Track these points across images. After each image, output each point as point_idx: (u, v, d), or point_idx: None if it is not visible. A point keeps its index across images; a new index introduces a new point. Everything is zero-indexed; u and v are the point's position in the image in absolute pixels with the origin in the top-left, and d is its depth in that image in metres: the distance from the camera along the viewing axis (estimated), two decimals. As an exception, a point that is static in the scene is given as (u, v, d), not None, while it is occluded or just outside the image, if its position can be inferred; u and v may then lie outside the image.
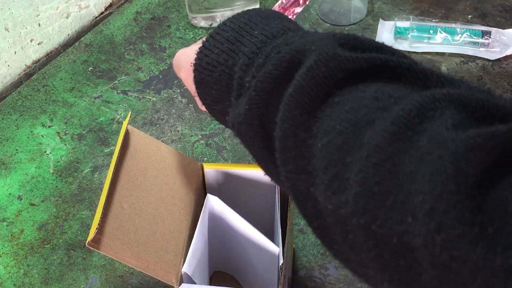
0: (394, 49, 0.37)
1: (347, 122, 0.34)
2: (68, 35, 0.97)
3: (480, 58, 0.87)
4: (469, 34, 0.87)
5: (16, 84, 0.91)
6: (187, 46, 0.99)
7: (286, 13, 0.65)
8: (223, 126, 0.81)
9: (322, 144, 0.34)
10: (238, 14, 0.45)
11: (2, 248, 0.70)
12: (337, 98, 0.35)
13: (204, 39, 0.45)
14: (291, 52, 0.38)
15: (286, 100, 0.37)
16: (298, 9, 0.68)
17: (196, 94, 0.47)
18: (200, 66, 0.45)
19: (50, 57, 0.95)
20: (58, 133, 0.82)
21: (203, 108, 0.49)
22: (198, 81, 0.45)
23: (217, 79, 0.44)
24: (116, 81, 0.88)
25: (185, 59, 0.48)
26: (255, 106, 0.39)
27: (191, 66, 0.46)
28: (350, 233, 0.32)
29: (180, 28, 0.95)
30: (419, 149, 0.30)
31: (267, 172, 0.43)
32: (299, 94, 0.36)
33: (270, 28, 0.42)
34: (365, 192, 0.31)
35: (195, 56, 0.45)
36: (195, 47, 0.46)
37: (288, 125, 0.36)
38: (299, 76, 0.36)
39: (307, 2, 0.65)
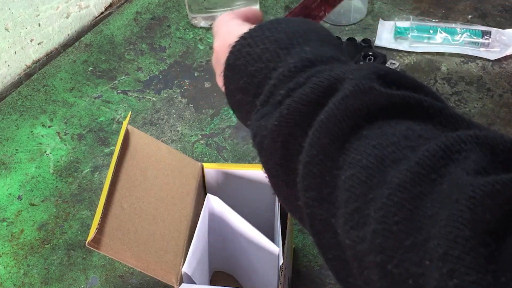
0: (429, 89, 0.37)
1: (374, 157, 0.34)
2: (68, 35, 0.97)
3: (480, 58, 0.87)
4: (469, 34, 0.87)
5: (16, 84, 0.91)
6: (187, 46, 0.99)
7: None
8: (223, 126, 0.81)
9: (346, 177, 0.34)
10: (297, 19, 0.45)
11: (2, 248, 0.70)
12: (366, 131, 0.35)
13: (252, 28, 0.44)
14: (329, 78, 0.38)
15: (317, 126, 0.36)
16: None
17: (220, 71, 0.45)
18: (239, 53, 0.43)
19: (50, 57, 0.95)
20: (58, 133, 0.82)
21: (219, 82, 0.47)
22: (229, 64, 0.44)
23: (251, 73, 0.43)
24: (116, 81, 0.88)
25: (225, 32, 0.47)
26: (285, 125, 0.38)
27: (229, 46, 0.44)
28: (366, 270, 0.32)
29: (180, 28, 0.95)
30: (440, 192, 0.30)
31: (276, 189, 0.42)
32: (331, 122, 0.36)
33: (322, 53, 0.42)
34: (383, 230, 0.31)
35: (237, 38, 0.44)
36: (241, 27, 0.45)
37: (316, 151, 0.36)
38: (332, 104, 0.36)
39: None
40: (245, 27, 0.46)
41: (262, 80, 0.42)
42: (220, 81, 0.47)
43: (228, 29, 0.47)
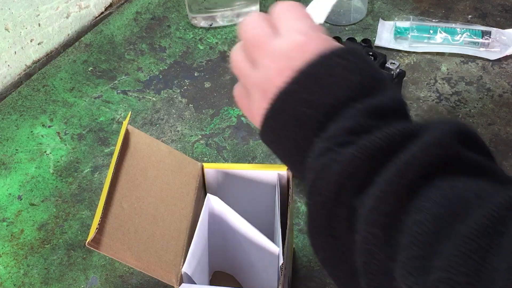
0: (500, 168, 0.38)
1: (443, 207, 0.33)
2: (68, 35, 0.97)
3: (480, 58, 0.87)
4: (469, 34, 0.87)
5: (16, 84, 0.91)
6: (187, 46, 0.99)
7: None
8: (223, 126, 0.81)
9: (412, 222, 0.34)
10: (365, 55, 0.42)
11: (2, 248, 0.70)
12: (439, 182, 0.35)
13: (338, 47, 0.41)
14: (416, 125, 0.37)
15: (395, 163, 0.36)
16: None
17: (283, 68, 0.41)
18: (318, 71, 0.40)
19: (50, 57, 0.95)
20: (58, 133, 0.82)
21: (277, 76, 0.41)
22: (304, 72, 0.40)
23: (331, 95, 0.39)
24: (116, 81, 0.88)
25: (306, 28, 0.42)
26: (360, 156, 0.37)
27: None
28: None
29: (180, 28, 0.95)
30: (508, 245, 0.30)
31: (312, 226, 0.40)
32: (409, 164, 0.35)
33: (402, 104, 0.40)
34: (448, 279, 0.30)
35: (328, 50, 0.40)
36: (328, 41, 0.41)
37: (389, 188, 0.35)
38: (415, 147, 0.36)
39: None
40: (332, 43, 0.42)
41: (344, 107, 0.39)
42: (277, 76, 0.41)
43: (314, 31, 0.43)
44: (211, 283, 0.63)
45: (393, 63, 0.70)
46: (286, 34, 0.42)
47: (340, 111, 0.39)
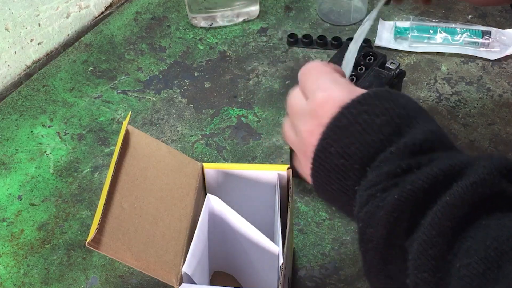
0: None
1: (493, 250, 0.33)
2: (68, 35, 0.97)
3: (480, 58, 0.87)
4: (469, 34, 0.87)
5: (16, 84, 0.91)
6: (187, 46, 0.99)
7: None
8: (223, 126, 0.81)
9: (461, 265, 0.34)
10: (405, 96, 0.43)
11: (2, 248, 0.70)
12: (485, 221, 0.35)
13: (365, 92, 0.42)
14: (458, 162, 0.37)
15: (440, 207, 0.36)
16: None
17: (318, 125, 0.43)
18: (354, 117, 0.41)
19: (50, 57, 0.95)
20: (58, 133, 0.82)
21: (310, 137, 0.44)
22: (337, 126, 0.41)
23: (366, 142, 0.40)
24: (116, 81, 0.88)
25: (329, 85, 0.44)
26: (405, 201, 0.37)
27: (339, 106, 0.41)
28: None
29: (180, 28, 0.95)
30: None
31: (369, 271, 0.40)
32: (455, 205, 0.35)
33: (444, 137, 0.41)
34: None
35: (348, 100, 0.41)
36: (351, 88, 0.43)
37: (435, 232, 0.35)
38: (459, 187, 0.36)
39: None
40: (354, 91, 0.43)
41: (378, 151, 0.40)
42: (311, 136, 0.43)
43: (335, 84, 0.44)
44: (211, 283, 0.63)
45: (393, 63, 0.70)
46: (310, 96, 0.45)
47: (376, 155, 0.40)
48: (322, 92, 0.44)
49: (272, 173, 0.58)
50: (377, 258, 0.39)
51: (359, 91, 0.43)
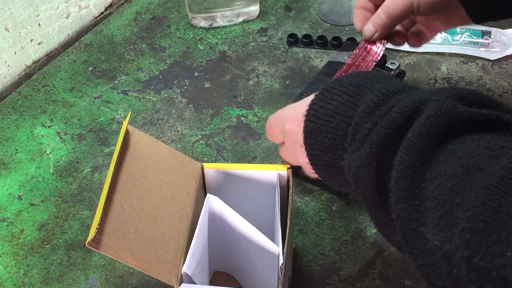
0: (507, 107, 0.41)
1: (459, 167, 0.37)
2: (68, 35, 0.97)
3: (480, 58, 0.87)
4: (469, 34, 0.87)
5: (16, 84, 0.91)
6: (187, 46, 0.99)
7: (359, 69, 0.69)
8: (223, 126, 0.81)
9: (434, 186, 0.38)
10: (353, 73, 0.50)
11: (2, 248, 0.70)
12: (451, 146, 0.39)
13: (316, 93, 0.49)
14: (413, 102, 0.42)
15: (404, 144, 0.40)
16: (374, 58, 0.69)
17: (301, 145, 0.49)
18: (315, 117, 0.48)
19: (50, 57, 0.95)
20: (58, 133, 0.82)
21: (301, 158, 0.51)
22: (309, 131, 0.48)
23: (333, 128, 0.47)
24: (116, 81, 0.88)
25: (292, 113, 0.52)
26: (376, 150, 0.42)
27: (302, 117, 0.49)
28: (455, 268, 0.36)
29: (180, 28, 0.95)
30: None
31: (375, 216, 0.45)
32: (417, 139, 0.39)
33: (391, 85, 0.46)
34: (470, 228, 0.34)
35: (307, 108, 0.48)
36: (303, 103, 0.50)
37: (404, 167, 0.39)
38: (418, 123, 0.40)
39: (382, 51, 0.68)
40: (305, 101, 0.50)
41: (345, 129, 0.46)
42: (300, 154, 0.50)
43: (293, 111, 0.52)
44: (211, 283, 0.63)
45: (393, 63, 0.70)
46: (284, 135, 0.54)
47: (347, 132, 0.46)
48: (289, 124, 0.52)
49: (272, 173, 0.58)
50: (375, 210, 0.44)
51: (311, 96, 0.50)
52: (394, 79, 0.49)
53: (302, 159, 0.51)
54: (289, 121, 0.52)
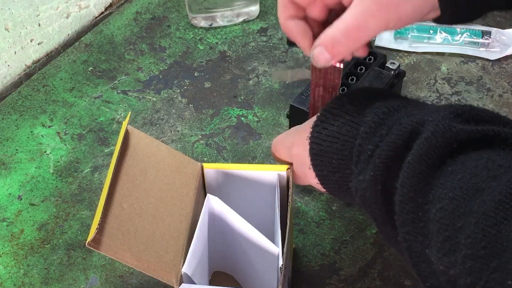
0: (506, 119, 0.41)
1: (459, 190, 0.37)
2: (68, 35, 0.97)
3: (480, 58, 0.87)
4: (469, 34, 0.87)
5: (16, 84, 0.91)
6: (187, 46, 0.99)
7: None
8: (223, 126, 0.81)
9: (436, 210, 0.38)
10: (352, 91, 0.49)
11: (2, 248, 0.70)
12: (451, 167, 0.39)
13: (318, 115, 0.49)
14: (411, 123, 0.42)
15: (405, 167, 0.40)
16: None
17: (309, 167, 0.50)
18: (319, 139, 0.48)
19: (50, 57, 0.95)
20: (58, 133, 0.82)
21: (310, 178, 0.51)
22: (315, 153, 0.49)
23: (338, 149, 0.47)
24: (116, 81, 0.88)
25: (296, 137, 0.53)
26: (380, 173, 0.42)
27: (307, 139, 0.49)
28: None
29: (180, 28, 0.95)
30: None
31: (385, 235, 0.45)
32: (417, 162, 0.39)
33: (390, 102, 0.45)
34: (472, 255, 0.34)
35: (310, 131, 0.49)
36: (306, 126, 0.50)
37: (406, 190, 0.40)
38: (417, 146, 0.40)
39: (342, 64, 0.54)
40: (308, 124, 0.50)
41: (350, 149, 0.46)
42: (309, 175, 0.51)
43: (297, 135, 0.53)
44: (211, 283, 0.63)
45: (393, 63, 0.70)
46: (290, 159, 0.56)
47: (352, 153, 0.46)
48: (295, 148, 0.52)
49: (272, 173, 0.58)
50: (385, 228, 0.44)
51: (313, 118, 0.50)
52: (393, 94, 0.48)
53: (312, 180, 0.51)
54: (295, 145, 0.52)
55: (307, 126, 0.50)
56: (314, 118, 0.49)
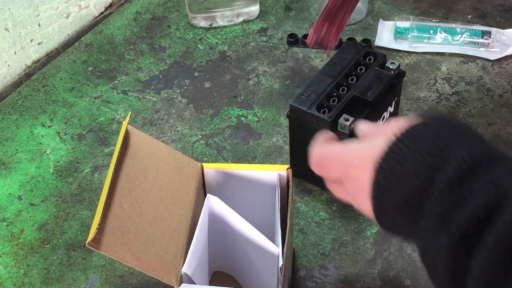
0: None
1: None
2: (68, 35, 0.97)
3: (480, 58, 0.87)
4: (469, 34, 0.87)
5: (16, 84, 0.91)
6: (187, 46, 0.99)
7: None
8: (223, 126, 0.81)
9: None
10: (432, 121, 0.43)
11: (2, 248, 0.70)
12: None
13: (391, 144, 0.43)
14: (494, 194, 0.38)
15: (484, 252, 0.37)
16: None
17: (366, 195, 0.45)
18: (389, 172, 0.43)
19: (50, 57, 0.95)
20: (58, 133, 0.82)
21: (365, 206, 0.46)
22: (380, 186, 0.43)
23: (408, 190, 0.42)
24: (116, 81, 0.88)
25: (358, 157, 0.47)
26: (454, 247, 0.39)
27: (371, 166, 0.43)
28: None
29: (180, 28, 0.95)
30: None
31: None
32: (500, 248, 0.37)
33: (476, 151, 0.41)
34: None
35: (378, 159, 0.43)
36: (372, 146, 0.45)
37: (486, 278, 0.37)
38: (500, 230, 0.37)
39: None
40: (374, 143, 0.45)
41: (421, 194, 0.41)
42: (364, 203, 0.46)
43: (354, 153, 0.47)
44: (211, 283, 0.63)
45: (393, 63, 0.70)
46: (344, 179, 0.49)
47: (421, 199, 0.41)
48: (352, 170, 0.47)
49: (272, 173, 0.58)
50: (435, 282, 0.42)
51: (381, 139, 0.44)
52: (474, 132, 0.44)
53: (365, 208, 0.47)
54: (355, 167, 0.47)
55: (374, 146, 0.44)
56: (383, 141, 0.43)
